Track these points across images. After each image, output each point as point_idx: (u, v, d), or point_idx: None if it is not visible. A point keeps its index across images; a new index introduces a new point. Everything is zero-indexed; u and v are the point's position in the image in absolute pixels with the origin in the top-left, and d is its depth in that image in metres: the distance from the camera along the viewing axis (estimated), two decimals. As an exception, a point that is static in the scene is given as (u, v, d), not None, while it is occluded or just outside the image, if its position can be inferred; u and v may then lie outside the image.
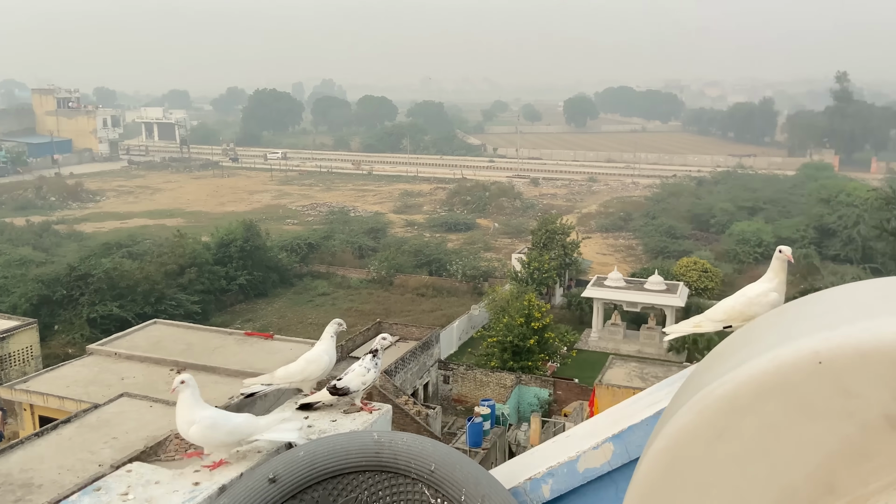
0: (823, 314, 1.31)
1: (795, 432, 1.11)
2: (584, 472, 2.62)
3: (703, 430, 1.18)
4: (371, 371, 3.90)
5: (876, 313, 1.20)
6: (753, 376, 1.16)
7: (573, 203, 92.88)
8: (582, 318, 48.79)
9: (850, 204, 61.26)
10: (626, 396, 30.72)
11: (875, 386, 1.06)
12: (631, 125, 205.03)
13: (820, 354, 1.12)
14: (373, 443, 2.61)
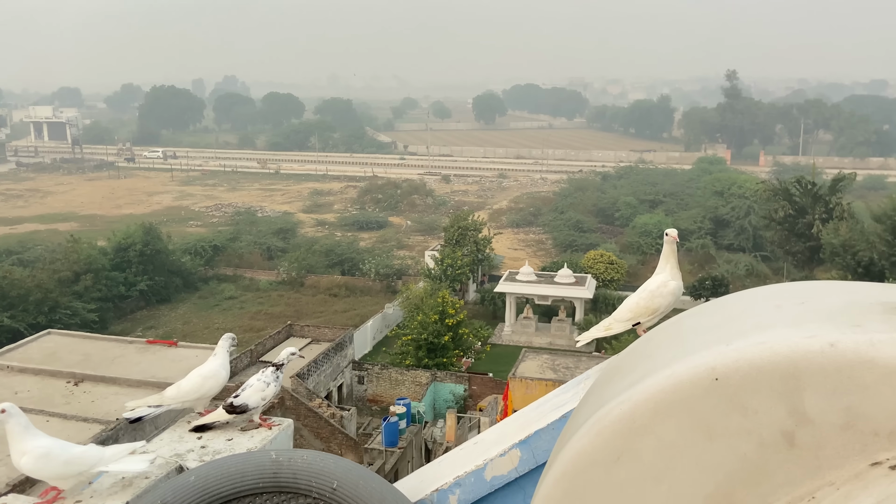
0: (719, 326, 1.27)
1: (694, 452, 1.06)
2: (492, 480, 2.56)
3: (601, 454, 1.13)
4: (271, 385, 3.69)
5: (770, 325, 1.16)
6: (650, 395, 1.11)
7: (484, 199, 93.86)
8: (495, 312, 49.35)
9: (741, 196, 64.53)
10: (539, 388, 31.26)
11: (771, 402, 1.03)
12: (538, 122, 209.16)
13: (716, 371, 1.08)
14: (270, 462, 2.45)
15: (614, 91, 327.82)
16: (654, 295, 3.69)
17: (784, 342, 1.07)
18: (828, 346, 1.03)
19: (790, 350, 1.05)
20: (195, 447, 3.25)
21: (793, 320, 1.17)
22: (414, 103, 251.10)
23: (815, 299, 1.29)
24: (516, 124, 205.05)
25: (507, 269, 53.14)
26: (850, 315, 1.14)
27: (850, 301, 1.24)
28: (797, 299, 1.31)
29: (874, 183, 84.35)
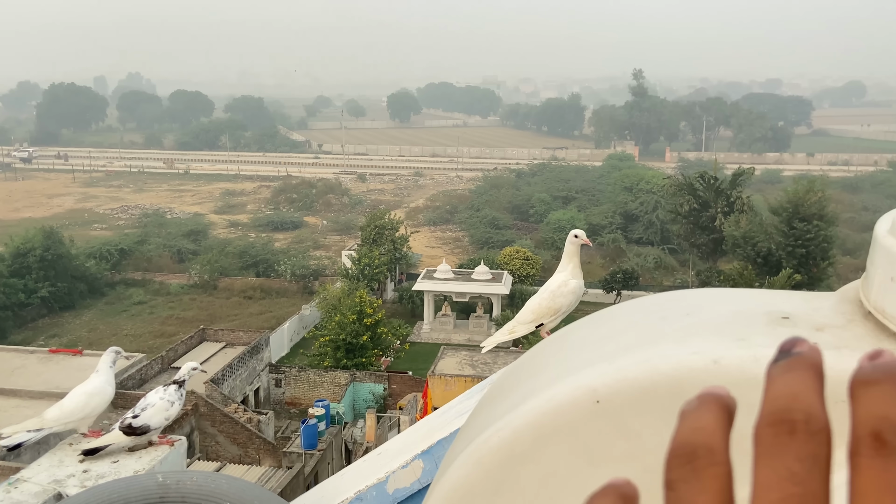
0: (603, 342, 1.19)
1: (578, 481, 0.98)
2: (395, 493, 2.48)
3: (480, 486, 1.04)
4: (175, 404, 3.46)
5: (655, 340, 1.10)
6: (530, 421, 1.02)
7: (401, 198, 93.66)
8: (414, 310, 49.33)
9: (649, 191, 66.82)
10: (458, 385, 31.46)
11: (656, 424, 0.96)
12: (453, 120, 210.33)
13: (597, 392, 0.99)
14: (156, 486, 2.30)
15: (527, 90, 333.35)
16: (556, 295, 3.68)
17: (667, 360, 1.00)
18: (712, 363, 0.97)
19: (673, 368, 0.99)
20: (76, 472, 3.02)
21: (678, 335, 1.10)
22: (328, 101, 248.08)
23: (702, 310, 1.22)
24: (431, 122, 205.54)
25: (424, 267, 53.20)
26: (735, 328, 1.07)
27: (737, 311, 1.17)
28: (683, 310, 1.23)
29: (771, 177, 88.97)
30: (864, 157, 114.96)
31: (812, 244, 42.81)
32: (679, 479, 0.43)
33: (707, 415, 0.44)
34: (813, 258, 43.19)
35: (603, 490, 0.45)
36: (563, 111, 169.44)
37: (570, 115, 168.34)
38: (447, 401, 19.29)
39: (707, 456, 0.43)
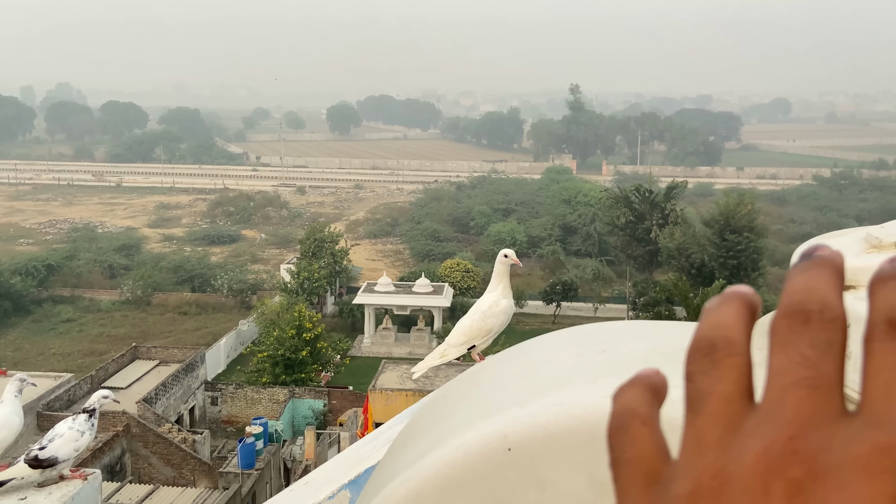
0: (517, 382, 1.12)
1: None
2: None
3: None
4: (86, 434, 3.25)
5: (569, 380, 1.05)
6: (437, 471, 0.95)
7: (341, 210, 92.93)
8: (354, 324, 48.87)
9: (587, 204, 68.02)
10: (399, 399, 31.21)
11: (569, 472, 0.90)
12: (393, 133, 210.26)
13: (508, 439, 0.92)
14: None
15: (467, 103, 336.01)
16: (487, 315, 3.61)
17: (580, 403, 0.94)
18: None
19: (586, 412, 0.93)
20: None
21: (592, 374, 1.05)
22: (266, 113, 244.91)
23: (618, 346, 1.16)
24: (371, 135, 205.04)
25: (365, 280, 52.82)
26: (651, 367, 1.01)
27: (653, 348, 1.13)
28: (600, 346, 1.17)
29: (703, 190, 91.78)
30: (790, 171, 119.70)
31: (743, 255, 44.24)
32: (698, 371, 0.44)
33: (729, 310, 0.45)
34: (744, 269, 44.62)
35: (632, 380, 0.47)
36: (502, 124, 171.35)
37: (510, 129, 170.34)
38: (388, 416, 18.96)
39: (726, 348, 0.44)
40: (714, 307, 0.46)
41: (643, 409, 0.46)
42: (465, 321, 3.68)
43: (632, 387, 0.48)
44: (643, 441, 0.45)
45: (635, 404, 0.46)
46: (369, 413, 25.92)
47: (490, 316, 3.59)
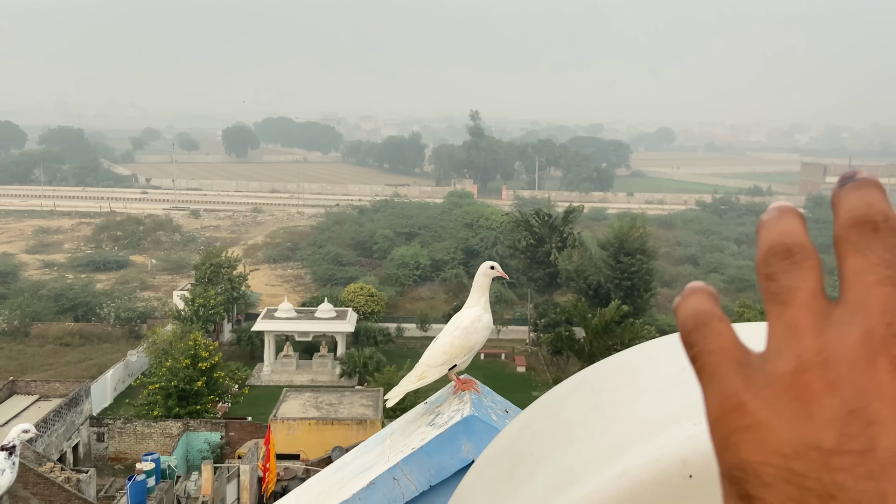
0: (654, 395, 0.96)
1: None
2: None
3: None
4: (6, 472, 2.83)
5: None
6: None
7: (238, 235, 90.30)
8: (253, 352, 47.27)
9: (488, 227, 68.99)
10: (302, 429, 30.19)
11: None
12: (293, 155, 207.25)
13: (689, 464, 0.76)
14: None
15: (367, 127, 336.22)
16: (470, 332, 3.36)
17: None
18: None
19: None
20: None
21: None
22: (156, 134, 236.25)
23: None
24: (270, 157, 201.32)
25: (265, 306, 51.31)
26: None
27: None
28: None
29: (597, 214, 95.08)
30: (675, 196, 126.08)
31: (636, 277, 45.91)
32: (780, 271, 0.50)
33: (791, 220, 0.52)
34: (637, 290, 46.29)
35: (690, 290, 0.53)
36: (403, 149, 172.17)
37: (411, 153, 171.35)
38: (291, 447, 18.40)
39: (802, 251, 0.50)
40: (773, 219, 0.52)
41: (716, 309, 0.51)
42: (444, 339, 3.42)
43: (694, 293, 0.52)
44: (726, 333, 0.50)
45: (707, 306, 0.51)
46: (271, 444, 24.93)
47: (473, 332, 3.36)
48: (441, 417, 2.97)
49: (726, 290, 64.12)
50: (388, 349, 48.08)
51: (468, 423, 2.74)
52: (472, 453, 2.67)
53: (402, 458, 2.69)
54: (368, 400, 32.38)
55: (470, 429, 2.73)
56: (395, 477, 2.67)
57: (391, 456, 2.84)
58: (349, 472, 2.85)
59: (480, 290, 3.49)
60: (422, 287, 64.31)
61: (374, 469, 2.76)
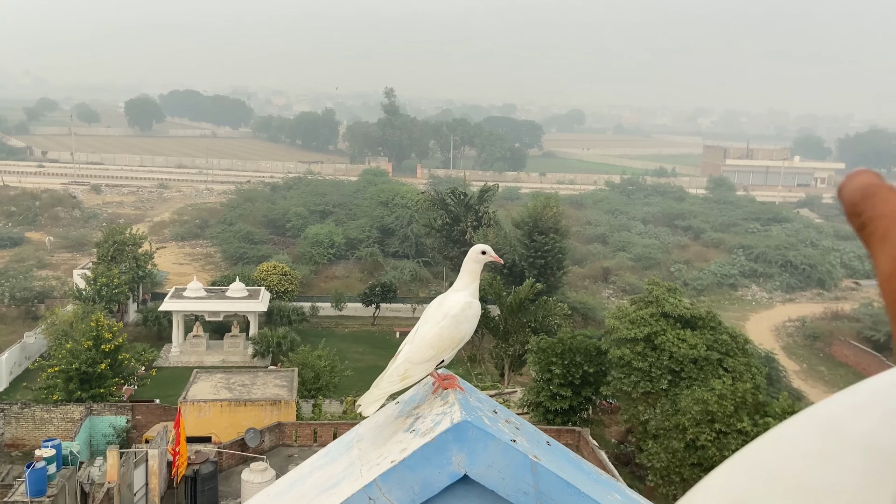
0: None
1: None
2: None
3: None
4: None
5: None
6: None
7: (143, 211, 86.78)
8: (161, 333, 45.74)
9: (404, 206, 68.85)
10: (214, 410, 29.51)
11: None
12: (201, 130, 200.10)
13: None
14: None
15: (279, 102, 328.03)
16: (460, 320, 2.96)
17: None
18: None
19: None
20: None
21: None
22: (53, 104, 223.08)
23: None
24: (176, 132, 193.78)
25: (172, 285, 49.66)
26: None
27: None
28: None
29: (511, 194, 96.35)
30: (586, 177, 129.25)
31: (550, 255, 46.89)
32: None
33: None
34: (550, 268, 47.32)
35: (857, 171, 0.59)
36: (317, 125, 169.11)
37: (325, 130, 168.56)
38: (202, 429, 17.79)
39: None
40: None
41: (884, 182, 0.57)
42: (430, 330, 3.00)
43: (861, 172, 0.57)
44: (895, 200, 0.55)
45: (876, 180, 0.57)
46: (181, 427, 24.22)
47: (463, 321, 2.97)
48: (423, 422, 2.51)
49: (633, 267, 66.50)
50: (303, 328, 47.49)
51: (460, 430, 2.30)
52: (464, 465, 2.26)
53: (379, 474, 2.27)
54: (283, 380, 31.91)
55: (462, 436, 2.29)
56: (372, 497, 2.25)
57: (363, 469, 2.42)
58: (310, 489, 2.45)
59: (471, 276, 3.06)
60: (336, 265, 63.67)
61: (342, 486, 2.36)
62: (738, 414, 21.86)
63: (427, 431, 2.37)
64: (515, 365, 37.72)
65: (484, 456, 2.26)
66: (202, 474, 24.07)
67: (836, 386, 45.41)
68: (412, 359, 2.88)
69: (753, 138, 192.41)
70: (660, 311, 28.92)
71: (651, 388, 27.87)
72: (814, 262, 67.76)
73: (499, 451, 2.27)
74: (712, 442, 21.44)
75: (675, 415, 23.83)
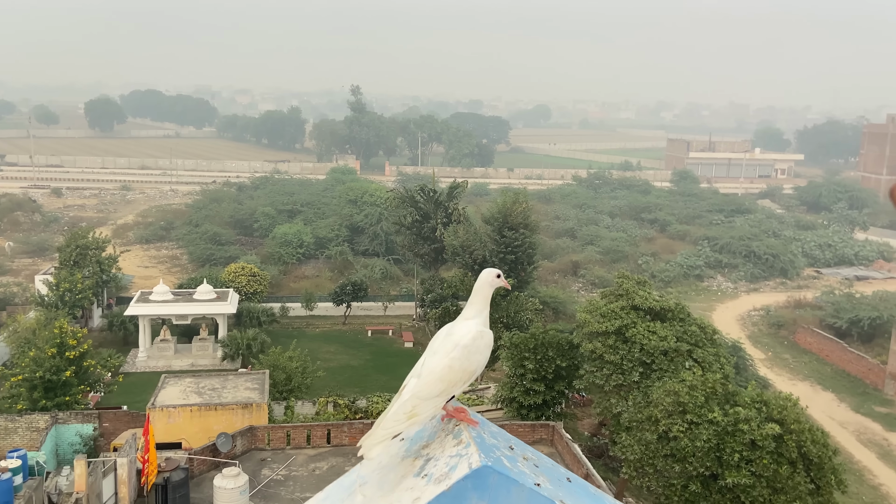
0: None
1: None
2: None
3: None
4: None
5: None
6: None
7: (106, 214, 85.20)
8: (127, 338, 44.94)
9: (373, 204, 68.51)
10: (183, 416, 29.06)
11: None
12: (164, 130, 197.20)
13: None
14: None
15: (244, 101, 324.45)
16: (471, 351, 2.75)
17: None
18: None
19: None
20: None
21: None
22: (10, 107, 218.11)
23: None
24: (139, 132, 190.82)
25: (138, 288, 48.83)
26: None
27: None
28: None
29: (480, 190, 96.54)
30: (553, 171, 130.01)
31: (520, 251, 47.00)
32: None
33: None
34: (521, 263, 47.44)
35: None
36: (283, 124, 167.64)
37: (291, 128, 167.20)
38: (172, 435, 17.47)
39: None
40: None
41: None
42: (439, 361, 2.72)
43: None
44: None
45: None
46: (151, 434, 23.79)
47: (475, 352, 2.76)
48: (436, 465, 2.21)
49: (602, 261, 67.06)
50: (273, 330, 47.03)
51: (480, 476, 2.01)
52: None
53: None
54: (253, 383, 31.55)
55: (482, 483, 1.99)
56: None
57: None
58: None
59: (483, 302, 2.88)
60: (306, 265, 63.16)
61: None
62: (708, 404, 22.13)
63: (442, 477, 2.10)
64: (488, 361, 37.78)
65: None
66: (173, 482, 23.69)
67: (801, 373, 46.33)
68: (420, 394, 2.60)
69: (715, 131, 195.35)
70: (630, 304, 29.17)
71: (623, 381, 28.11)
72: (776, 252, 68.98)
73: (523, 499, 2.02)
74: (684, 433, 21.67)
75: (648, 407, 24.04)
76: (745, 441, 20.82)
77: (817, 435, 21.58)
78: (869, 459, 34.84)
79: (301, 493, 24.68)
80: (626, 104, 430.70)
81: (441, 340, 2.84)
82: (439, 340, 2.86)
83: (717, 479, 21.19)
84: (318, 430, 28.31)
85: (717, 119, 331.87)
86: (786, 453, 20.67)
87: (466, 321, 2.89)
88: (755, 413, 21.45)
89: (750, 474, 20.41)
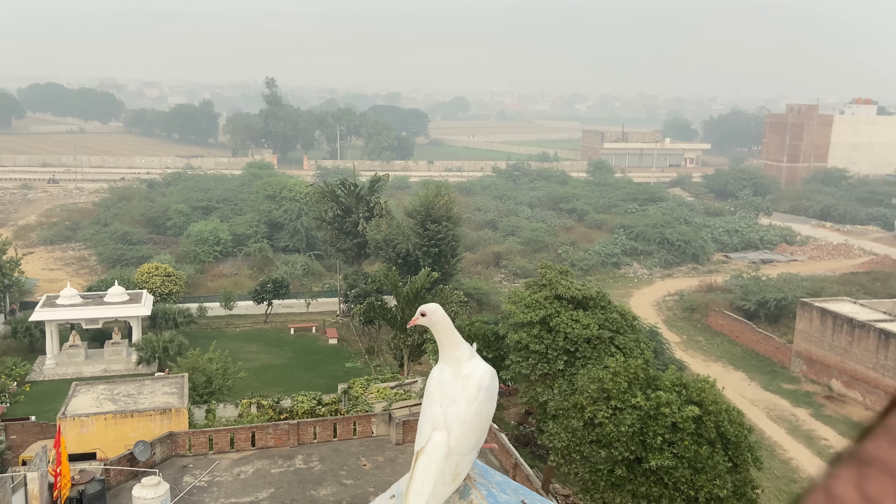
0: None
1: None
2: None
3: None
4: None
5: None
6: None
7: (6, 215, 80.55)
8: (33, 345, 42.59)
9: (292, 199, 67.22)
10: (97, 425, 27.77)
11: None
12: (67, 126, 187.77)
13: None
14: None
15: (152, 94, 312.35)
16: (492, 392, 2.69)
17: None
18: None
19: None
20: None
21: None
22: None
23: None
24: (39, 128, 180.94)
25: (43, 292, 46.30)
26: None
27: None
28: None
29: (400, 183, 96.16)
30: (473, 163, 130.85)
31: (443, 243, 47.08)
32: None
33: None
34: (445, 256, 47.53)
35: None
36: (195, 118, 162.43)
37: (204, 122, 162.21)
38: (86, 446, 16.51)
39: None
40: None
41: None
42: (467, 409, 2.55)
43: None
44: None
45: None
46: (62, 446, 22.56)
47: (495, 391, 2.65)
48: None
49: (523, 251, 67.98)
50: (191, 331, 45.55)
51: None
52: None
53: None
54: (172, 387, 30.41)
55: None
56: None
57: None
58: None
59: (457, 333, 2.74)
60: (223, 263, 61.40)
61: None
62: (631, 390, 22.70)
63: None
64: (414, 355, 37.66)
65: None
66: (88, 494, 22.59)
67: (714, 354, 48.32)
68: (459, 449, 2.47)
69: (627, 122, 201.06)
70: (553, 294, 29.62)
71: (548, 370, 28.54)
72: (688, 239, 71.64)
73: None
74: (609, 419, 22.16)
75: (573, 394, 24.48)
76: (666, 424, 21.47)
77: (733, 415, 22.47)
78: (779, 435, 36.65)
79: (226, 498, 23.98)
80: (541, 96, 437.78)
81: (448, 386, 2.67)
82: (446, 386, 2.69)
83: (641, 463, 21.79)
84: (242, 433, 27.55)
85: (629, 110, 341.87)
86: (705, 434, 21.44)
87: (470, 360, 2.76)
88: (675, 396, 22.15)
89: (672, 456, 21.07)
